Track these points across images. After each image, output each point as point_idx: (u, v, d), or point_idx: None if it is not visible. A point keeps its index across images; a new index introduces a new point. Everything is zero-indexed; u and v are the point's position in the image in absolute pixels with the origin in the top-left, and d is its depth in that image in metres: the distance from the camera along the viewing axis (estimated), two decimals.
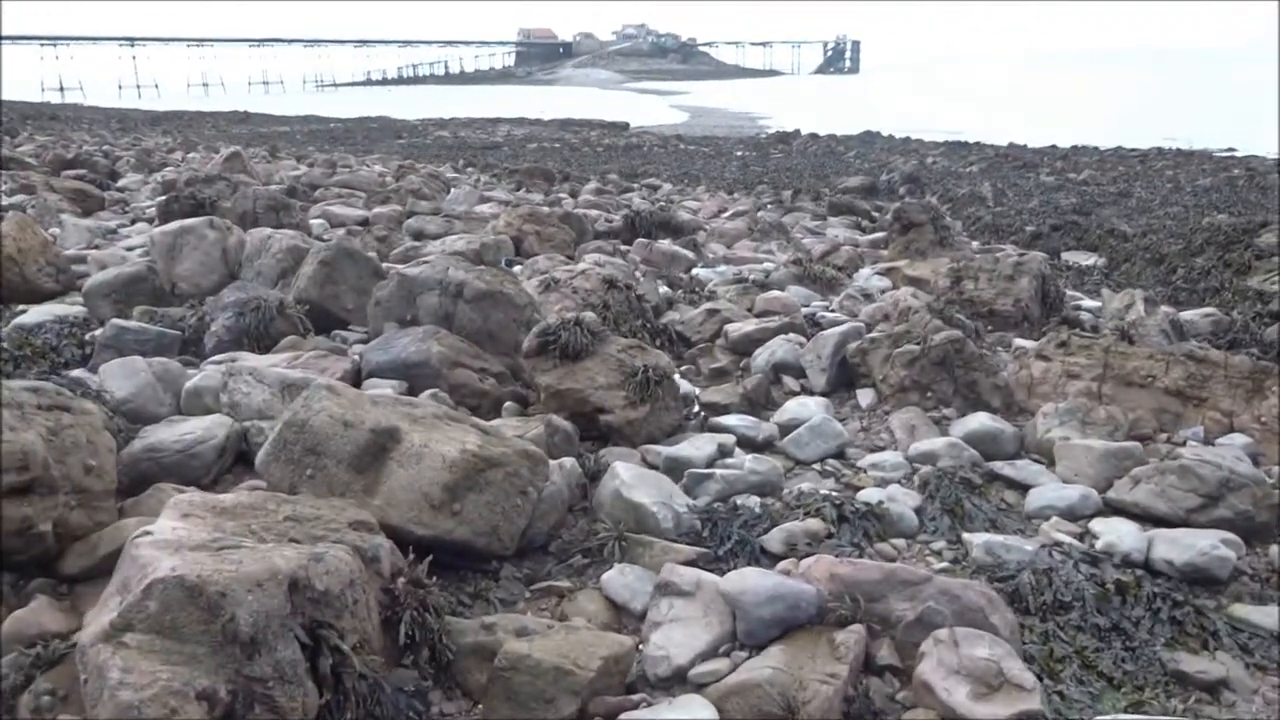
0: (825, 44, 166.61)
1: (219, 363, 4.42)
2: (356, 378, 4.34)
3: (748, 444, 3.90)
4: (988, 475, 3.61)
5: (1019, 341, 5.37)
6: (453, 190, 11.81)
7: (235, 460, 3.67)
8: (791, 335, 4.92)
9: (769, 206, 12.97)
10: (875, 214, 12.56)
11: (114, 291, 5.81)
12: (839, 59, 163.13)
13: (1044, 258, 6.11)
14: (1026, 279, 5.68)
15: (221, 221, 6.55)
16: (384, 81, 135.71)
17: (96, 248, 7.78)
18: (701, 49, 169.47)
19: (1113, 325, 5.31)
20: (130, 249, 7.72)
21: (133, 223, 9.47)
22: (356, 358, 4.50)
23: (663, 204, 13.19)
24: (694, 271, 7.17)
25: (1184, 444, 3.85)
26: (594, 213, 10.55)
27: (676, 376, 4.40)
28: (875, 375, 4.42)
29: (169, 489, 3.22)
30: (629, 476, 3.24)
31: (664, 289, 6.39)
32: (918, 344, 4.28)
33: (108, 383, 4.03)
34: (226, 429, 3.64)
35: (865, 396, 4.40)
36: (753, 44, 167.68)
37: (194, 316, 5.12)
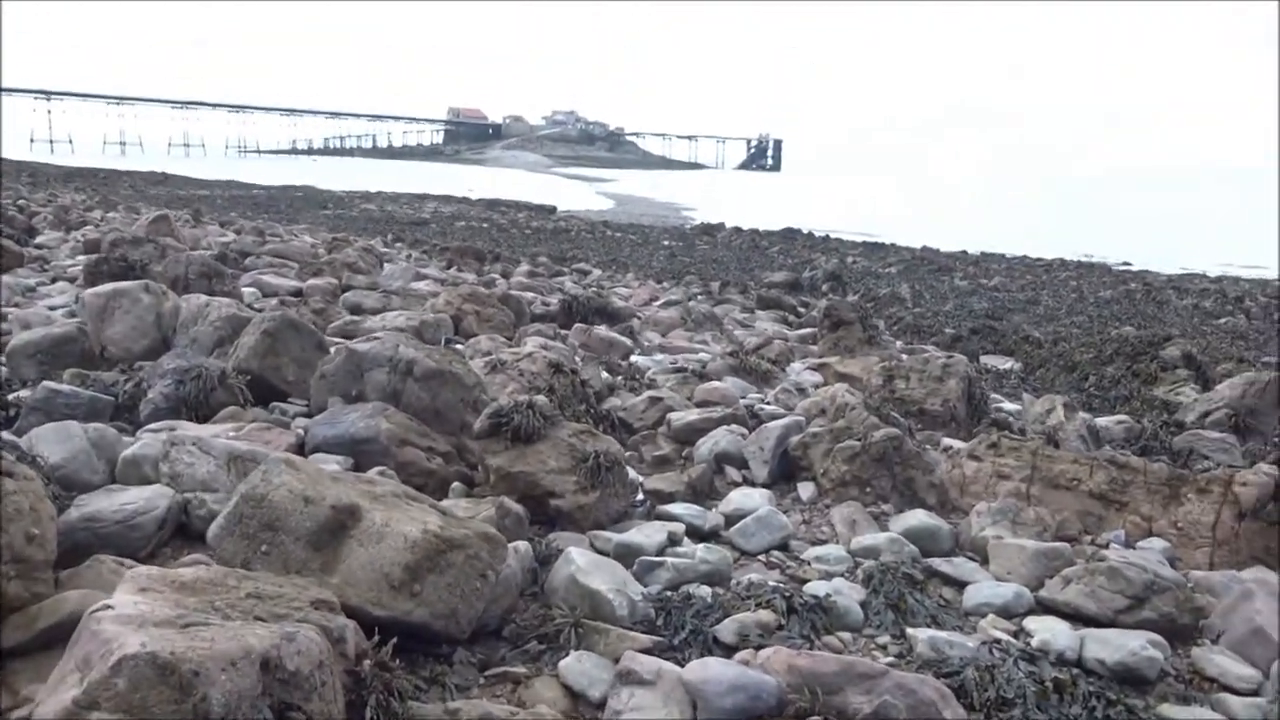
0: (749, 141, 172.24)
1: (156, 430, 4.32)
2: (301, 451, 4.29)
3: (695, 533, 3.96)
4: (927, 571, 3.72)
5: (947, 440, 5.58)
6: (388, 265, 11.80)
7: (174, 532, 3.58)
8: (734, 426, 5.04)
9: (699, 297, 13.24)
10: (801, 309, 12.93)
11: (40, 352, 5.64)
12: (762, 156, 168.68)
13: (968, 361, 6.38)
14: (954, 380, 5.93)
15: (157, 286, 6.45)
16: (309, 151, 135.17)
17: (16, 305, 7.55)
18: (629, 138, 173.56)
19: (1036, 429, 5.56)
20: (53, 308, 7.52)
21: (53, 281, 9.22)
22: (301, 431, 4.45)
23: (596, 290, 13.39)
24: (632, 359, 7.28)
25: (1107, 546, 4.04)
26: (529, 295, 10.64)
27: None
28: (816, 469, 4.54)
29: (108, 560, 3.13)
30: (584, 562, 3.26)
31: (604, 375, 6.47)
32: (858, 440, 4.43)
33: (39, 447, 3.91)
34: (168, 500, 3.56)
35: (806, 489, 4.51)
36: (679, 137, 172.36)
37: (128, 382, 5.00)
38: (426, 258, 16.44)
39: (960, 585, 3.65)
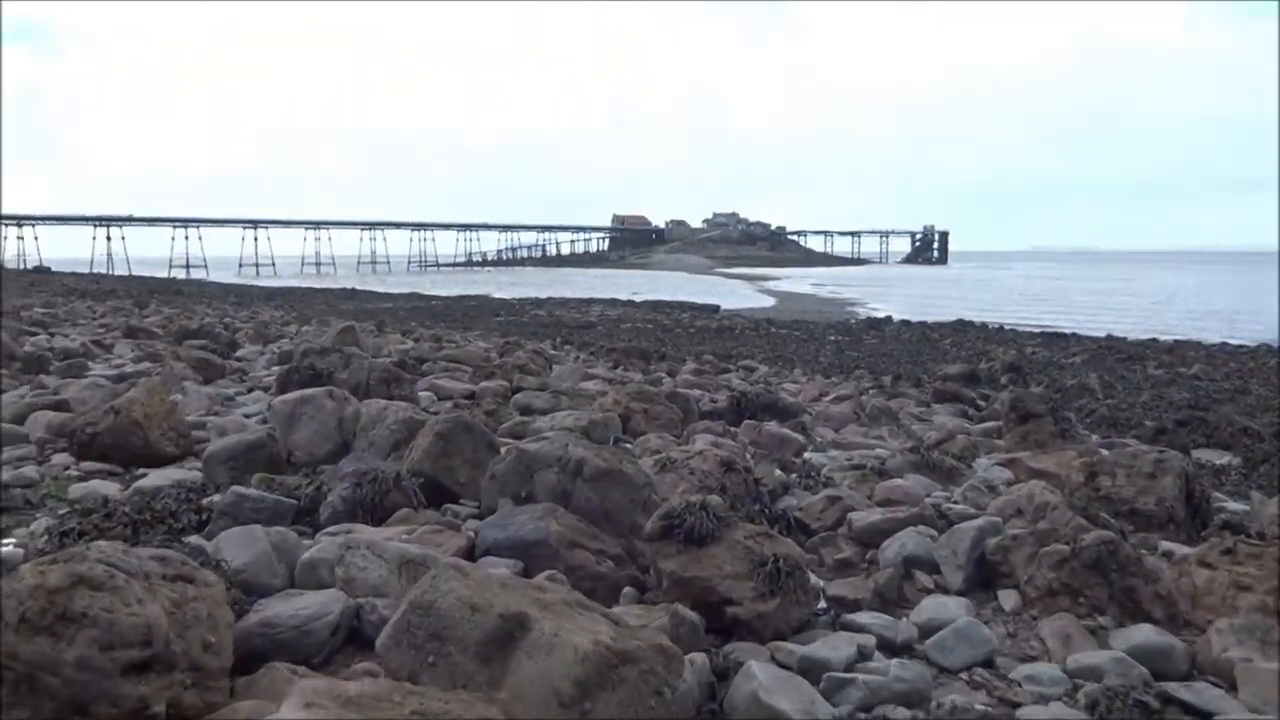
0: (913, 234, 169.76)
1: (334, 534, 4.35)
2: (470, 554, 4.22)
3: (886, 645, 3.60)
4: (1162, 697, 3.24)
5: (1166, 544, 5.00)
6: (556, 367, 11.97)
7: (347, 638, 3.53)
8: (921, 528, 4.66)
9: (871, 391, 12.79)
10: (981, 402, 12.28)
11: (232, 458, 5.87)
12: (927, 249, 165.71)
13: (1184, 456, 5.76)
14: (1169, 477, 5.34)
15: (340, 392, 6.67)
16: (484, 262, 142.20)
17: (216, 414, 7.98)
18: (791, 237, 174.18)
19: (1273, 531, 4.91)
20: (248, 415, 7.90)
21: (249, 391, 9.75)
22: (471, 534, 4.39)
23: (764, 386, 13.15)
24: (805, 455, 6.98)
25: None
26: (696, 392, 10.52)
27: None
28: (1019, 575, 4.11)
29: (283, 669, 3.09)
30: (767, 679, 2.98)
31: (778, 472, 6.20)
32: (1066, 544, 3.98)
33: (225, 551, 3.98)
34: (341, 605, 3.52)
35: (1008, 599, 4.08)
36: (841, 233, 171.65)
37: (310, 485, 5.11)
38: (594, 359, 16.66)
39: (1205, 716, 3.15)
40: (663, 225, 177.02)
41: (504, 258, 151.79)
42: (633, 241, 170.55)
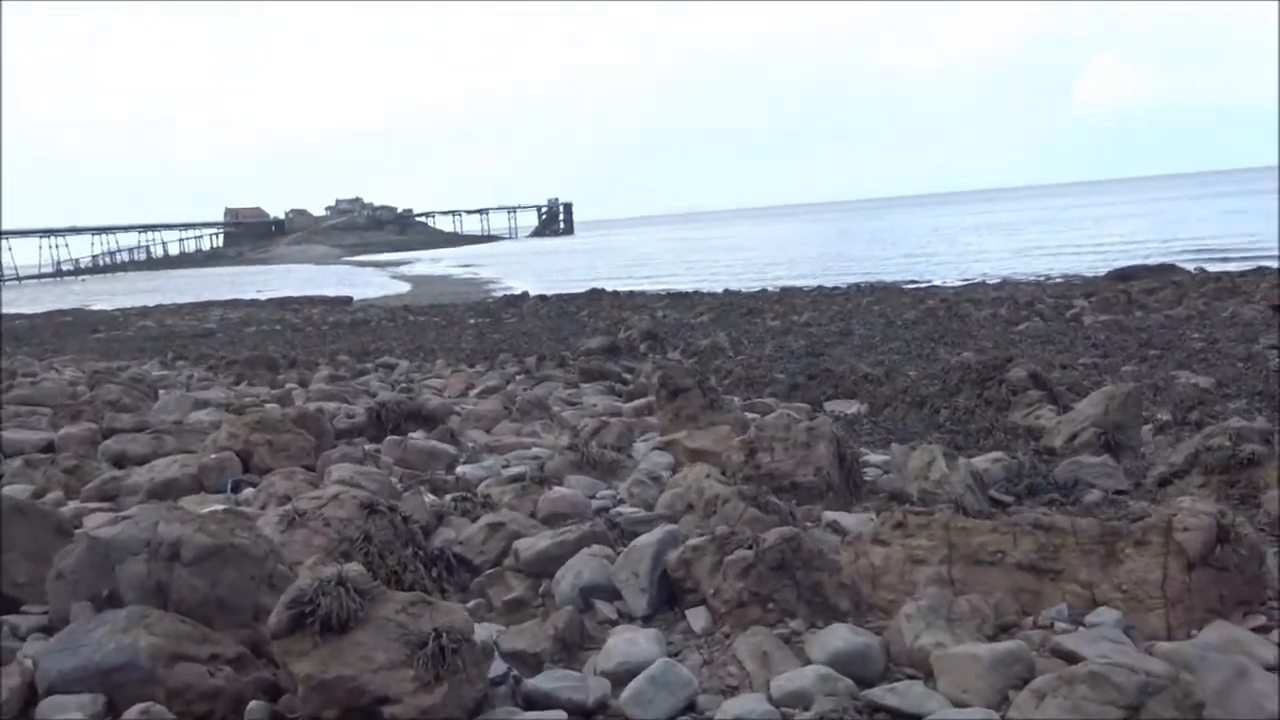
0: (539, 208, 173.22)
1: None
2: (31, 693, 3.17)
3: (579, 710, 3.10)
4: (870, 708, 3.01)
5: (829, 514, 4.97)
6: (161, 396, 10.33)
7: None
8: (596, 548, 4.21)
9: (518, 378, 12.39)
10: (627, 375, 12.31)
11: None
12: (554, 221, 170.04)
13: (832, 421, 5.83)
14: (823, 444, 5.35)
15: None
16: (76, 272, 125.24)
17: None
18: (419, 219, 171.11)
19: (918, 488, 5.04)
20: None
21: None
22: (29, 662, 3.31)
23: (405, 386, 12.29)
24: (458, 469, 6.34)
25: (1051, 626, 3.47)
26: (331, 405, 9.48)
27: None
28: (705, 589, 3.78)
29: None
30: None
31: (430, 497, 5.52)
32: (749, 548, 3.70)
33: None
34: None
35: (698, 618, 3.73)
36: (469, 212, 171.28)
37: None
38: (212, 374, 14.85)
39: (915, 719, 2.96)
40: (282, 216, 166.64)
41: (101, 264, 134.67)
42: (251, 235, 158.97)
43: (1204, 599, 3.43)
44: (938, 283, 31.23)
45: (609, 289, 34.05)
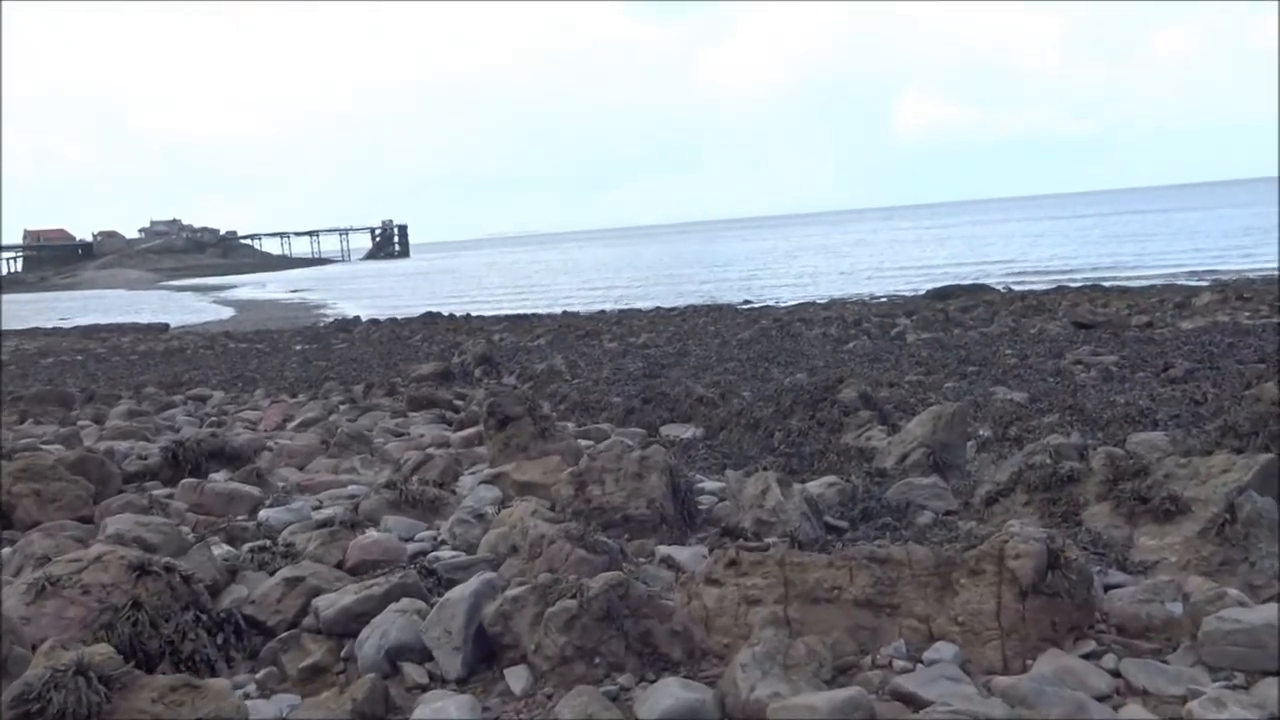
0: (373, 229, 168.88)
1: None
2: None
3: None
4: None
5: (663, 550, 4.71)
6: None
7: None
8: (405, 602, 3.78)
9: (342, 408, 11.69)
10: (459, 402, 11.82)
11: None
12: (388, 244, 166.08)
13: (664, 450, 5.59)
14: (655, 474, 5.09)
15: None
16: None
17: None
18: (244, 241, 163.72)
19: (753, 517, 4.85)
20: None
21: None
22: None
23: (216, 419, 11.41)
24: (261, 514, 5.75)
25: (890, 665, 3.30)
26: (124, 444, 8.62)
27: (257, 701, 3.10)
28: (525, 645, 3.43)
29: None
30: None
31: (224, 548, 4.95)
32: (573, 597, 3.38)
33: None
34: None
35: (518, 678, 3.37)
36: (298, 234, 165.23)
37: None
38: None
39: None
40: (90, 238, 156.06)
41: None
42: (55, 259, 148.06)
43: (1037, 628, 3.33)
44: (771, 303, 32.02)
45: (445, 312, 33.28)
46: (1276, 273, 27.32)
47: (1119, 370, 11.57)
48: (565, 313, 30.80)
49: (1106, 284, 27.31)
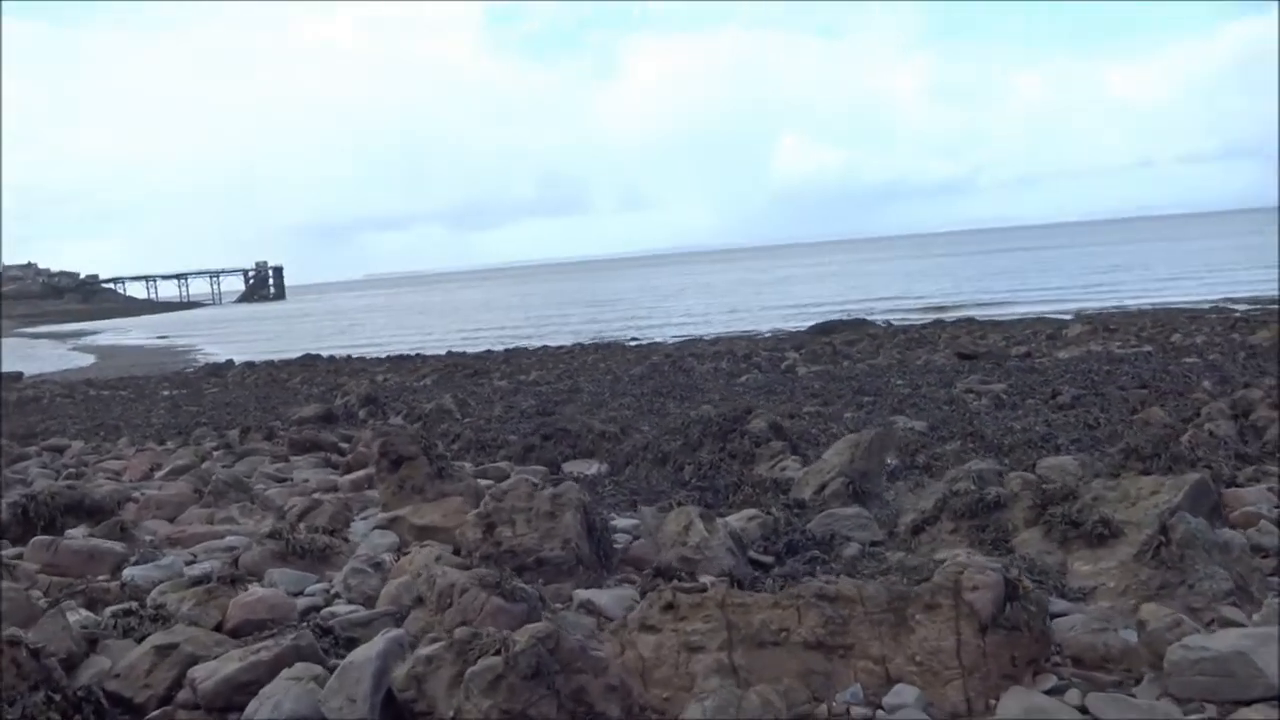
0: (246, 271, 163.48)
1: None
2: None
3: None
4: None
5: (581, 593, 4.36)
6: None
7: None
8: (300, 667, 3.31)
9: (216, 454, 10.91)
10: (344, 444, 11.19)
11: None
12: (263, 285, 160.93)
13: (577, 486, 5.24)
14: (569, 513, 4.74)
15: None
16: None
17: None
18: (106, 285, 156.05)
19: (677, 555, 4.54)
20: None
21: None
22: None
23: (75, 471, 10.48)
24: (125, 573, 5.12)
25: (847, 712, 3.02)
26: None
27: None
28: (443, 711, 3.01)
29: None
30: None
31: (82, 614, 4.36)
32: (497, 653, 2.99)
33: None
34: None
35: None
36: (165, 277, 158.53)
37: None
38: None
39: None
40: None
41: None
42: None
43: (998, 664, 3.12)
44: (658, 339, 31.99)
45: (325, 354, 32.09)
46: (1137, 306, 28.87)
47: (1009, 398, 11.77)
48: (450, 352, 30.05)
49: (980, 318, 28.26)
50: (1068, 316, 27.16)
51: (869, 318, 30.99)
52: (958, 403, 11.67)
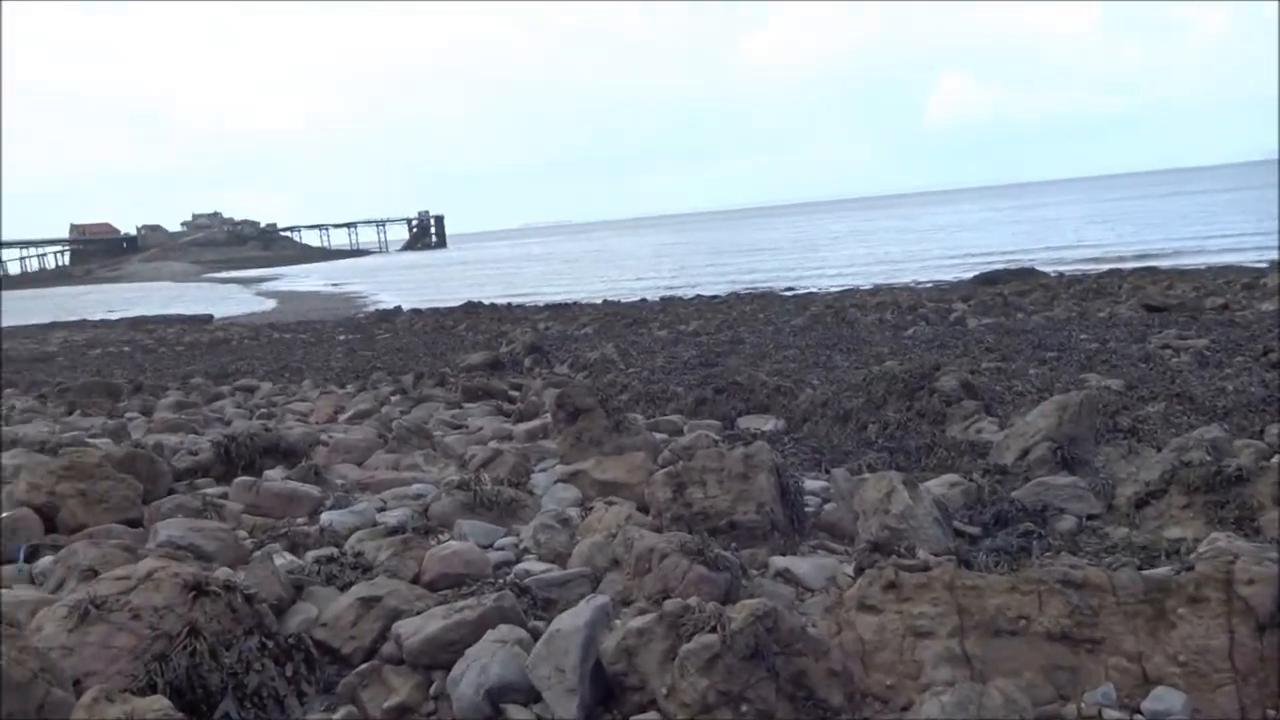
0: (410, 220, 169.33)
1: None
2: None
3: None
4: None
5: (777, 561, 4.15)
6: None
7: None
8: (504, 629, 3.25)
9: (393, 399, 11.24)
10: (514, 392, 11.34)
11: None
12: (425, 234, 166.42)
13: (769, 447, 5.00)
14: (763, 475, 4.52)
15: None
16: None
17: None
18: (284, 234, 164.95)
19: (879, 524, 4.26)
20: None
21: None
22: None
23: (266, 411, 11.00)
24: (323, 518, 5.25)
25: (1098, 715, 2.72)
26: (174, 438, 8.21)
27: None
28: (655, 687, 2.88)
29: None
30: None
31: (286, 558, 4.46)
32: (713, 630, 2.82)
33: None
34: None
35: None
36: (336, 225, 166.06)
37: None
38: (41, 404, 13.14)
39: None
40: (134, 232, 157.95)
41: None
42: (101, 253, 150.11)
43: (1277, 669, 2.74)
44: (813, 289, 31.20)
45: (486, 302, 32.84)
46: None
47: (1213, 355, 10.84)
48: (606, 301, 30.19)
49: (1163, 267, 26.27)
50: (1263, 264, 24.88)
51: (1035, 266, 29.29)
52: (1154, 360, 10.81)
